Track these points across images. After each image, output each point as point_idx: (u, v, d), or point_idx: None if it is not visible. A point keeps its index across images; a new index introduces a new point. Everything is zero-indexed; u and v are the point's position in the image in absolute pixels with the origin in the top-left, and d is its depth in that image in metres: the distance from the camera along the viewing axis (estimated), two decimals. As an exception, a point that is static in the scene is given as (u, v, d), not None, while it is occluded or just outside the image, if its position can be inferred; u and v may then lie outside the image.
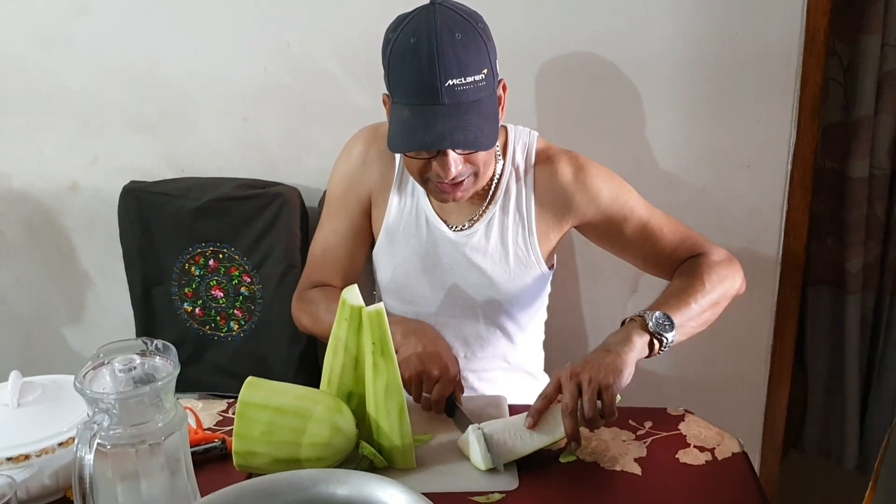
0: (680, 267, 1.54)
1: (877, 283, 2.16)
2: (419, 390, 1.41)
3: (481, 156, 1.42)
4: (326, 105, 1.99)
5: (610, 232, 1.57)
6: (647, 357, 1.36)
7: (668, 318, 1.37)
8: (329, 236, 1.64)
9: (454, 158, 1.38)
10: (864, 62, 1.99)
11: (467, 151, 1.39)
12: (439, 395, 1.39)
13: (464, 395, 1.67)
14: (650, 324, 1.35)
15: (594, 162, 1.57)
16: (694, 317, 1.42)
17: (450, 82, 1.31)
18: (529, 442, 1.30)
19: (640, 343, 1.34)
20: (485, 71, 1.35)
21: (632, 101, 1.94)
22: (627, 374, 1.30)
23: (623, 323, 1.40)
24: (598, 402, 1.26)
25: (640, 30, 1.88)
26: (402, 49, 1.34)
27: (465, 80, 1.32)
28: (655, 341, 1.36)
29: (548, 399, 1.31)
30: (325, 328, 1.51)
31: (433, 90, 1.31)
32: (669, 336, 1.36)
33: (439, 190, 1.44)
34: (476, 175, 1.45)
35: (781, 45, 1.87)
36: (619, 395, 1.29)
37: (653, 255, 1.57)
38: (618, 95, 1.94)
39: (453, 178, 1.40)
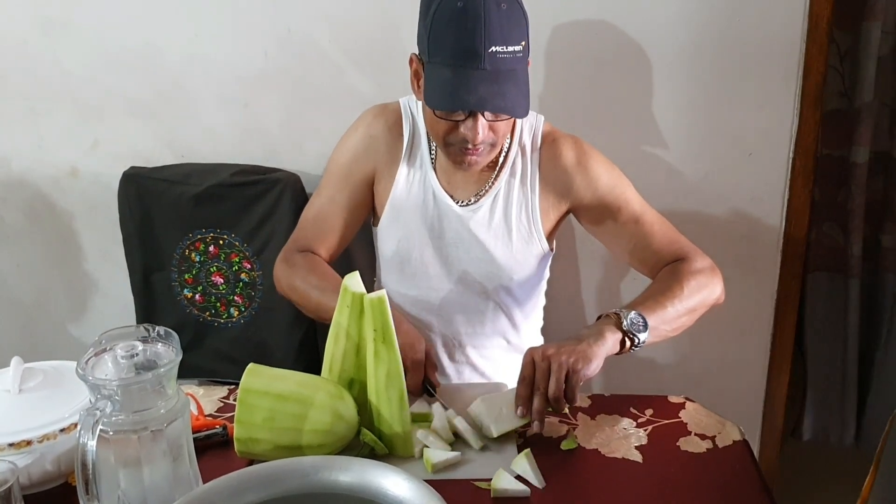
0: (662, 270, 1.55)
1: (877, 266, 2.16)
2: None
3: (502, 128, 1.46)
4: (327, 90, 1.98)
5: (603, 219, 1.59)
6: (616, 354, 1.38)
7: (643, 318, 1.39)
8: (326, 203, 1.65)
9: (483, 124, 1.41)
10: (865, 49, 1.98)
11: (503, 118, 1.43)
12: (413, 384, 1.39)
13: (465, 382, 1.68)
14: (624, 323, 1.37)
15: (597, 150, 1.60)
16: (669, 321, 1.44)
17: (493, 49, 1.34)
18: (499, 426, 1.31)
19: (611, 339, 1.36)
20: (523, 43, 1.38)
21: (633, 88, 1.94)
22: (596, 365, 1.32)
23: (599, 318, 1.42)
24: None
25: (640, 16, 1.87)
26: (448, 11, 1.36)
27: (506, 48, 1.35)
28: (627, 340, 1.38)
29: (528, 383, 1.32)
30: (300, 296, 1.57)
31: (476, 55, 1.34)
32: (642, 337, 1.38)
33: (461, 152, 1.46)
34: (493, 146, 1.48)
35: (784, 32, 1.86)
36: (581, 383, 1.30)
37: (640, 250, 1.59)
38: (619, 83, 1.93)
39: (477, 144, 1.43)
